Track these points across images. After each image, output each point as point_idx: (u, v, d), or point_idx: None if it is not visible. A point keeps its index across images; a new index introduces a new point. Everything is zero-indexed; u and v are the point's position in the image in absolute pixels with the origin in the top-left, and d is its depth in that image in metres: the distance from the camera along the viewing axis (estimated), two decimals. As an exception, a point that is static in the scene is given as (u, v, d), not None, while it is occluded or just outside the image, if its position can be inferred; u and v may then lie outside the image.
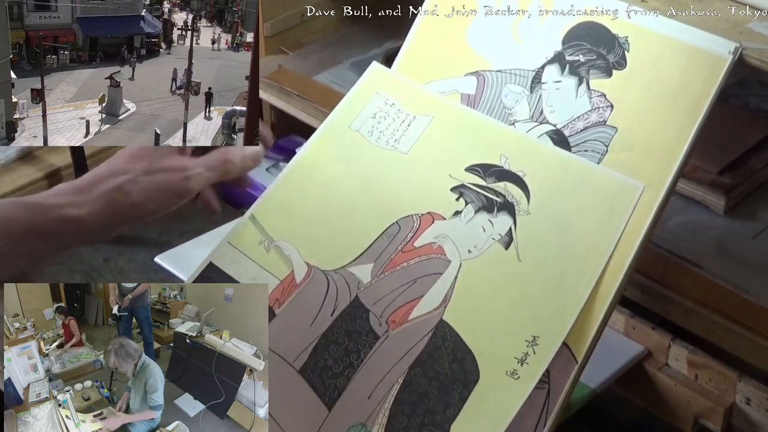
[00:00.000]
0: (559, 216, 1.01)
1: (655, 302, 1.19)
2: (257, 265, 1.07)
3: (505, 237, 1.02)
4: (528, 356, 0.95)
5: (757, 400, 1.14)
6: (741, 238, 1.21)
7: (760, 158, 1.30)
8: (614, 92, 1.08)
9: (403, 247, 1.05)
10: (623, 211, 0.99)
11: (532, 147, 1.07)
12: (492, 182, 1.05)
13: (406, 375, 0.98)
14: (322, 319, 1.02)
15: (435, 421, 0.95)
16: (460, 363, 0.97)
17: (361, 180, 1.10)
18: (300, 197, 1.11)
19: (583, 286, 0.97)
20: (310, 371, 1.00)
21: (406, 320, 1.00)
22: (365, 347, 1.00)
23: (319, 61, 1.63)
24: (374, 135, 1.13)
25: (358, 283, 1.03)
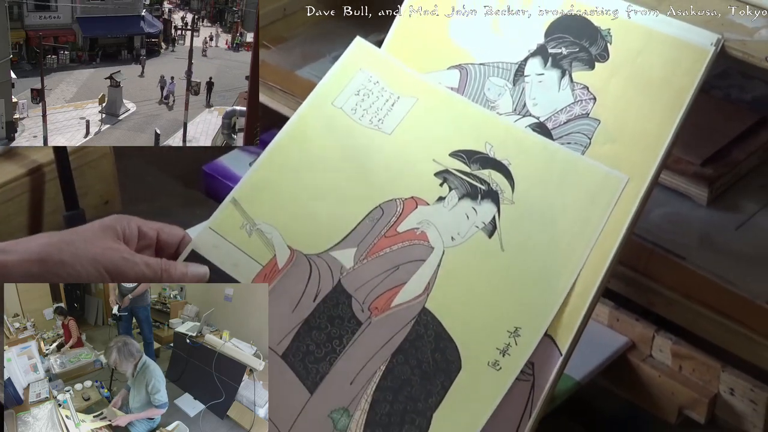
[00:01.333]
0: (543, 206, 1.01)
1: (639, 294, 1.20)
2: (239, 250, 1.06)
3: (488, 225, 1.02)
4: (510, 347, 0.95)
5: (740, 391, 1.14)
6: (724, 229, 1.22)
7: (743, 149, 1.30)
8: (597, 84, 1.08)
9: (386, 231, 1.04)
10: (607, 203, 0.99)
11: (518, 136, 1.07)
12: (476, 169, 1.05)
13: (388, 362, 0.98)
14: (304, 305, 1.02)
15: (417, 409, 0.95)
16: (442, 352, 0.97)
17: (344, 160, 1.10)
18: (282, 178, 1.10)
19: (566, 278, 0.97)
20: (293, 356, 1.00)
21: (389, 307, 1.00)
22: (347, 333, 1.00)
23: (301, 55, 1.63)
24: (357, 113, 1.12)
25: (341, 268, 1.03)
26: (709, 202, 1.26)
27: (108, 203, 1.65)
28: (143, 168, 1.79)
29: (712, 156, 1.29)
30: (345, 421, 0.96)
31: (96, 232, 1.01)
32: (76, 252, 0.97)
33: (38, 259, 0.96)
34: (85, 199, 1.59)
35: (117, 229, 1.02)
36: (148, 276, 1.01)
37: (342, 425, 0.96)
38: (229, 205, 1.09)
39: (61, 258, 0.97)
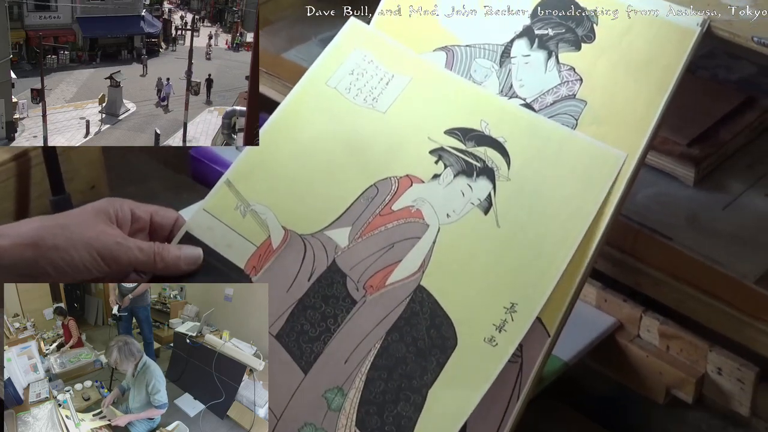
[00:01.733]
0: (539, 183, 1.01)
1: (627, 274, 1.20)
2: (233, 231, 1.06)
3: (484, 202, 1.01)
4: (506, 323, 0.94)
5: (728, 370, 1.15)
6: (711, 209, 1.22)
7: (729, 129, 1.30)
8: (583, 65, 1.08)
9: (381, 210, 1.04)
10: (604, 180, 0.99)
11: (514, 113, 1.06)
12: (472, 146, 1.05)
13: (383, 340, 0.97)
14: (299, 285, 1.02)
15: (412, 386, 0.94)
16: (438, 329, 0.96)
17: (338, 139, 1.09)
18: (276, 159, 1.09)
19: (562, 254, 0.96)
20: (287, 336, 0.99)
21: (384, 285, 1.00)
22: (342, 312, 0.99)
23: (287, 38, 1.62)
24: (352, 92, 1.12)
25: (336, 248, 1.03)
26: (696, 182, 1.26)
27: (94, 188, 1.64)
28: (130, 152, 1.78)
29: (699, 136, 1.28)
30: (339, 400, 0.95)
31: (89, 216, 1.00)
32: (69, 236, 0.97)
33: (31, 243, 0.96)
34: (72, 183, 1.59)
35: (110, 212, 1.01)
36: (141, 260, 1.00)
37: (336, 404, 0.95)
38: (223, 187, 1.09)
39: (54, 242, 0.96)
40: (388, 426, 0.94)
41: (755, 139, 1.33)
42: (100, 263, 0.98)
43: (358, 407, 0.95)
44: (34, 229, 0.97)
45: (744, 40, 1.03)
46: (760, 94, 1.38)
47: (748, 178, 1.27)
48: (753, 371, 1.14)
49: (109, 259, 0.99)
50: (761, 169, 1.29)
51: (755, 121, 1.33)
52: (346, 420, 0.95)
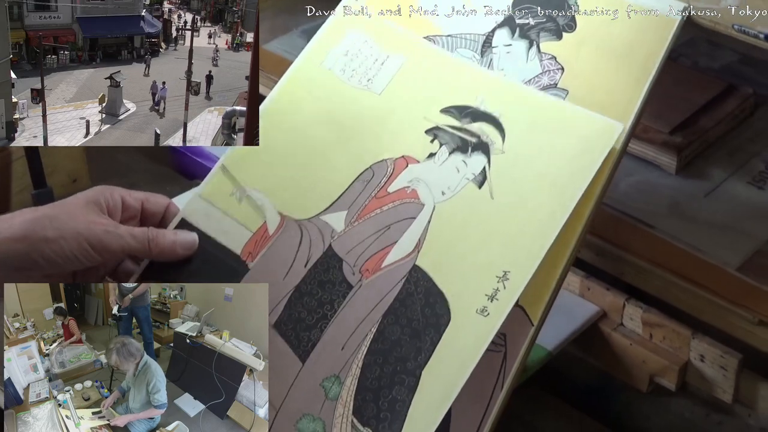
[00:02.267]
0: (533, 154, 1.01)
1: (609, 263, 1.20)
2: (229, 217, 1.06)
3: (478, 177, 1.01)
4: (498, 292, 0.94)
5: (711, 357, 1.15)
6: (693, 197, 1.23)
7: (711, 117, 1.31)
8: (564, 55, 1.08)
9: (377, 192, 1.04)
10: (600, 151, 0.98)
11: (509, 88, 1.07)
12: (467, 123, 1.05)
13: (379, 324, 0.97)
14: (295, 271, 1.01)
15: (407, 369, 0.94)
16: (432, 307, 0.96)
17: (334, 123, 1.09)
18: (271, 143, 1.09)
19: (556, 220, 0.96)
20: (284, 325, 0.99)
21: (380, 268, 1.00)
22: (338, 297, 0.99)
23: (269, 29, 1.62)
24: (347, 73, 1.12)
25: (332, 232, 1.03)
26: (678, 170, 1.26)
27: (76, 181, 1.64)
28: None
29: (681, 124, 1.29)
30: (336, 389, 0.96)
31: (79, 206, 1.00)
32: (59, 227, 0.97)
33: (21, 236, 0.96)
34: (53, 177, 1.59)
35: (100, 201, 1.01)
36: (135, 247, 1.00)
37: (333, 393, 0.96)
38: (219, 172, 1.09)
39: (44, 234, 0.96)
40: (384, 412, 0.94)
41: (737, 127, 1.34)
42: (91, 252, 0.98)
43: (354, 395, 0.96)
44: (23, 221, 0.97)
45: (725, 28, 1.04)
46: (741, 81, 1.38)
47: (729, 165, 1.28)
48: (736, 358, 1.14)
49: (100, 248, 0.98)
50: (743, 157, 1.29)
51: (736, 108, 1.33)
52: (344, 409, 0.95)
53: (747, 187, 1.25)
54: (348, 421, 0.95)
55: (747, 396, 1.17)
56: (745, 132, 1.34)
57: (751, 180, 1.25)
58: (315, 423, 0.95)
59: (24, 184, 1.56)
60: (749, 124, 1.35)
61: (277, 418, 0.96)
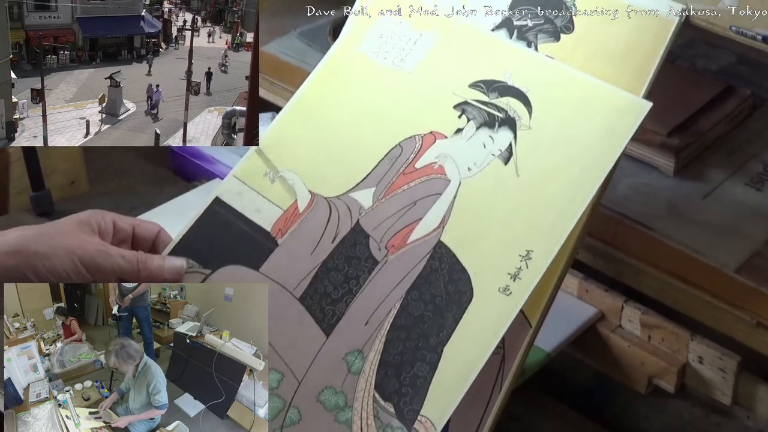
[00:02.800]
0: (560, 131, 1.01)
1: (608, 265, 1.20)
2: (261, 196, 1.07)
3: (505, 152, 1.02)
4: (521, 271, 0.95)
5: (709, 359, 1.15)
6: (691, 198, 1.23)
7: (709, 119, 1.31)
8: (562, 56, 1.08)
9: (405, 169, 1.05)
10: (626, 129, 0.99)
11: (538, 63, 1.07)
12: (495, 98, 1.05)
13: (403, 299, 0.98)
14: (323, 247, 1.03)
15: (429, 345, 0.95)
16: (455, 284, 0.97)
17: (364, 103, 1.10)
18: (305, 126, 1.11)
19: (580, 201, 0.96)
20: (310, 298, 1.00)
21: (405, 244, 1.00)
22: (364, 273, 1.00)
23: (267, 31, 1.61)
24: (380, 55, 1.12)
25: (360, 208, 1.04)
26: (676, 171, 1.26)
27: (74, 183, 1.64)
28: (109, 146, 1.78)
29: (679, 126, 1.29)
30: (359, 363, 0.97)
31: (72, 226, 1.01)
32: (51, 244, 0.98)
33: (14, 251, 0.97)
34: (51, 179, 1.59)
35: (92, 223, 1.02)
36: (125, 268, 1.01)
37: (356, 368, 0.97)
38: (254, 154, 1.10)
39: (36, 249, 0.97)
40: (405, 387, 0.95)
41: (735, 129, 1.34)
42: (82, 270, 0.99)
43: (377, 369, 0.96)
44: (16, 237, 0.98)
45: (722, 29, 1.04)
46: (740, 83, 1.38)
47: (727, 167, 1.28)
48: (734, 360, 1.15)
49: (92, 267, 0.99)
50: (741, 158, 1.29)
51: (735, 110, 1.33)
52: (366, 383, 0.96)
53: (745, 188, 1.25)
54: (370, 395, 0.95)
55: (746, 398, 1.17)
56: (743, 134, 1.34)
57: (750, 181, 1.25)
58: (337, 396, 0.96)
59: (22, 186, 1.56)
60: (747, 126, 1.35)
61: (299, 390, 0.97)
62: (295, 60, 1.51)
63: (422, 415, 0.93)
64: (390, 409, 0.94)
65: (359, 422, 0.95)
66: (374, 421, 0.95)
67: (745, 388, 1.16)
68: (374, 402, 0.95)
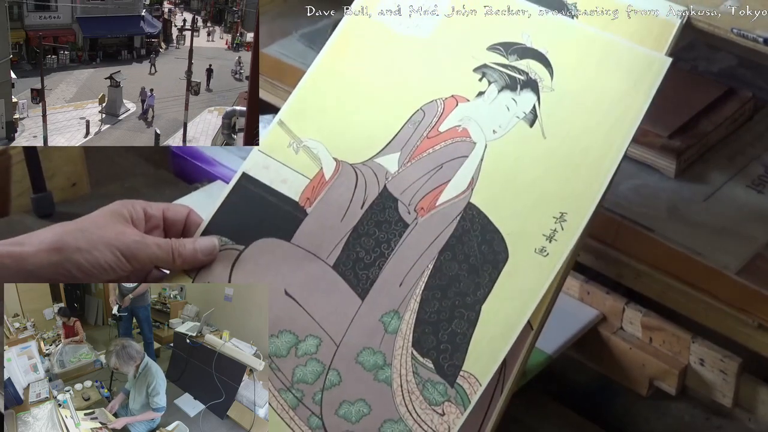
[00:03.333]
0: (583, 91, 1.02)
1: (609, 267, 1.20)
2: (287, 167, 1.08)
3: (529, 115, 1.03)
4: (556, 233, 0.96)
5: (710, 361, 1.15)
6: (692, 200, 1.23)
7: (710, 121, 1.31)
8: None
9: (428, 133, 1.06)
10: (649, 84, 1.00)
11: (555, 23, 1.07)
12: (514, 60, 1.06)
13: (435, 260, 0.99)
14: (352, 213, 1.04)
15: (466, 303, 0.96)
16: (489, 244, 0.98)
17: (383, 70, 1.11)
18: (324, 95, 1.12)
19: (609, 160, 0.98)
20: (343, 265, 1.02)
21: (434, 206, 1.02)
22: (395, 236, 1.02)
23: (268, 33, 1.61)
24: (395, 21, 1.13)
25: (386, 174, 1.05)
26: (677, 174, 1.26)
27: (75, 185, 1.64)
28: (110, 148, 1.78)
29: (680, 128, 1.29)
30: (396, 323, 0.98)
31: (106, 218, 1.02)
32: (90, 238, 0.99)
33: (55, 248, 0.98)
34: (53, 181, 1.59)
35: (125, 213, 1.04)
36: (160, 256, 1.03)
37: (393, 327, 0.98)
38: (276, 127, 1.11)
39: (77, 245, 0.99)
40: (444, 344, 0.96)
41: (736, 131, 1.34)
42: (123, 261, 1.00)
43: (414, 328, 0.98)
44: (55, 234, 1.00)
45: (724, 32, 1.04)
46: (741, 85, 1.38)
47: (728, 169, 1.28)
48: (735, 362, 1.14)
49: (131, 257, 1.01)
50: (742, 161, 1.29)
51: (736, 112, 1.33)
52: (403, 341, 0.98)
53: (746, 190, 1.25)
54: (408, 352, 0.97)
55: (747, 400, 1.17)
56: (744, 136, 1.34)
57: (751, 184, 1.25)
58: (375, 356, 0.98)
59: (23, 187, 1.56)
60: (748, 128, 1.35)
61: (337, 353, 0.99)
62: (296, 62, 1.51)
63: (464, 370, 0.94)
64: (429, 365, 0.96)
65: (398, 379, 0.96)
66: (414, 377, 0.96)
67: (746, 390, 1.16)
68: (413, 359, 0.97)
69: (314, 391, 0.98)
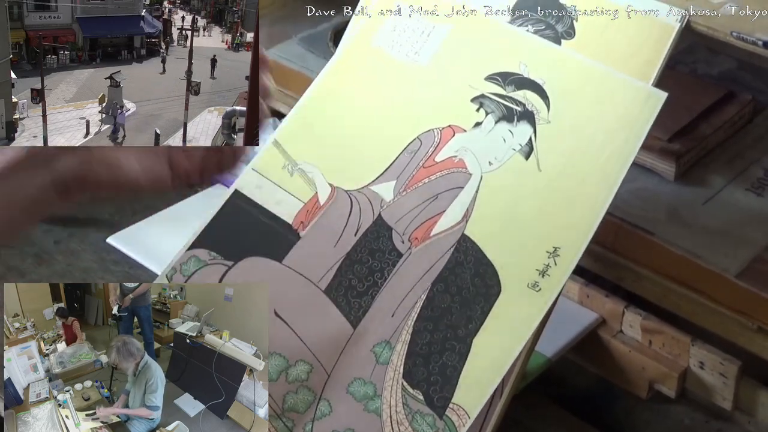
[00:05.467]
0: (579, 124, 1.02)
1: (608, 270, 1.20)
2: (281, 189, 1.08)
3: (525, 147, 1.02)
4: (549, 268, 0.96)
5: (710, 364, 1.15)
6: (692, 203, 1.22)
7: (710, 124, 1.31)
8: (563, 62, 1.08)
9: (425, 162, 1.05)
10: (645, 119, 1.00)
11: (553, 54, 1.07)
12: (512, 91, 1.06)
13: (428, 291, 0.99)
14: (346, 239, 1.04)
15: (457, 336, 0.96)
16: (482, 277, 0.98)
17: (381, 97, 1.11)
18: (322, 119, 1.11)
19: (604, 194, 0.98)
20: (335, 291, 1.01)
21: (428, 236, 1.01)
22: (388, 265, 1.01)
23: (267, 36, 1.61)
24: (394, 48, 1.12)
25: (381, 202, 1.05)
26: (677, 177, 1.26)
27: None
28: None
29: (679, 131, 1.29)
30: (387, 354, 0.98)
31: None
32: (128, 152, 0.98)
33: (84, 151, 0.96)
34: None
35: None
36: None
37: (384, 358, 0.98)
38: (271, 147, 1.10)
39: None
40: (434, 376, 0.96)
41: (735, 134, 1.34)
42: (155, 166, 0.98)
43: (404, 359, 0.98)
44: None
45: (723, 35, 1.04)
46: (740, 88, 1.38)
47: (728, 172, 1.28)
48: (735, 365, 1.14)
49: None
50: (741, 164, 1.29)
51: (735, 115, 1.33)
52: (394, 373, 0.98)
53: (746, 193, 1.25)
54: (398, 384, 0.97)
55: (747, 403, 1.16)
56: (743, 139, 1.34)
57: (750, 187, 1.25)
58: (366, 386, 0.97)
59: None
60: (748, 131, 1.35)
61: (328, 382, 0.99)
62: (295, 65, 1.51)
63: (454, 402, 0.94)
64: (419, 397, 0.96)
65: (388, 410, 0.96)
66: (403, 408, 0.96)
67: (746, 393, 1.16)
68: (403, 390, 0.96)
69: (305, 421, 0.98)
